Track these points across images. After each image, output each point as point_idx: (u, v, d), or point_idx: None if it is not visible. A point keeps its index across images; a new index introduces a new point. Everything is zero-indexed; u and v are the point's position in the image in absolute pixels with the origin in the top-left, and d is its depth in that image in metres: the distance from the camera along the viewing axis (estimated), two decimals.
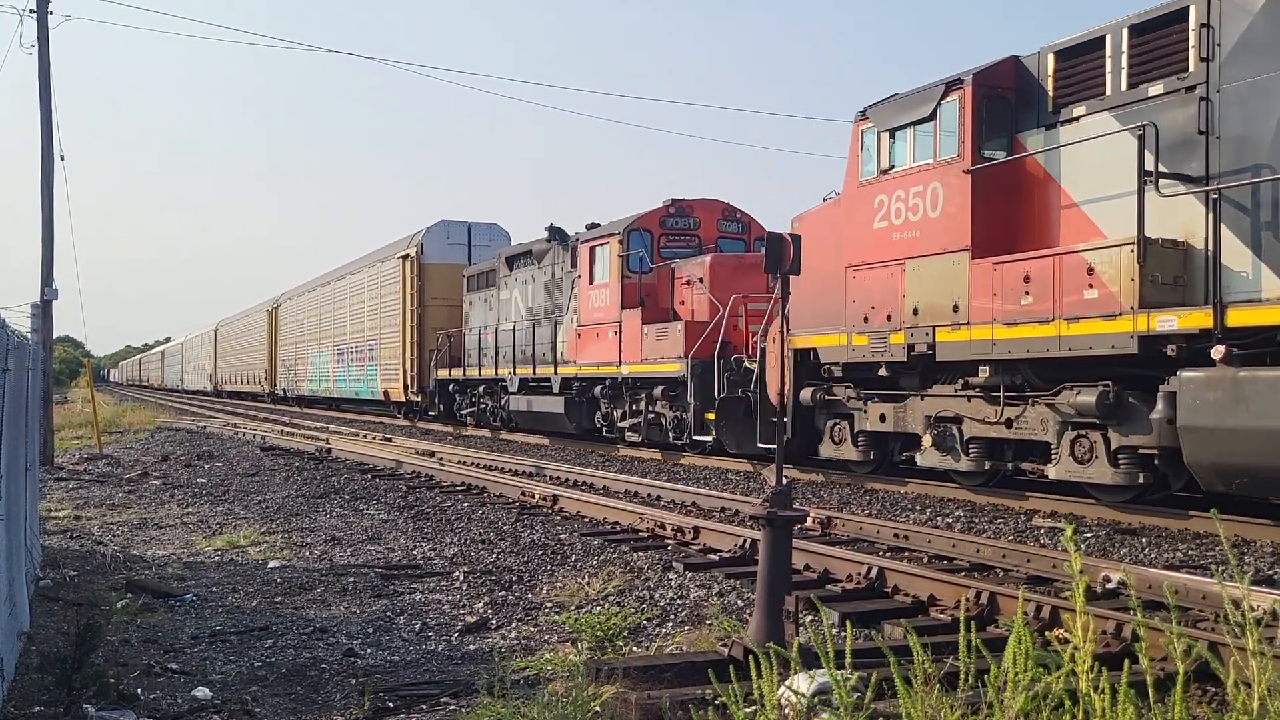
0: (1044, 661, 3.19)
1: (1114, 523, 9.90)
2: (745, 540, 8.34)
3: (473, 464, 16.61)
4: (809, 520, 9.53)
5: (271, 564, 8.97)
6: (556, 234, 21.63)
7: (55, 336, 20.38)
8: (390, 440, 23.19)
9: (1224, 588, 3.70)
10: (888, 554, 8.38)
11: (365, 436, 24.60)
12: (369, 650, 6.18)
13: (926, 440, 11.75)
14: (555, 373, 21.02)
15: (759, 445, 14.26)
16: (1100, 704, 2.96)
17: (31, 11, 19.87)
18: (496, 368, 24.02)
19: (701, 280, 17.25)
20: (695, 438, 16.07)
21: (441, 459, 17.35)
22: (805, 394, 13.38)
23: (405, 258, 29.77)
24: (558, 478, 14.34)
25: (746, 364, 15.06)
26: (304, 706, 5.18)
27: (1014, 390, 10.81)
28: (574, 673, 5.07)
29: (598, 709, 4.45)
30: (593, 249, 19.60)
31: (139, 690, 5.33)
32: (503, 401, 23.84)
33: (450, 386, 27.41)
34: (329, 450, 19.81)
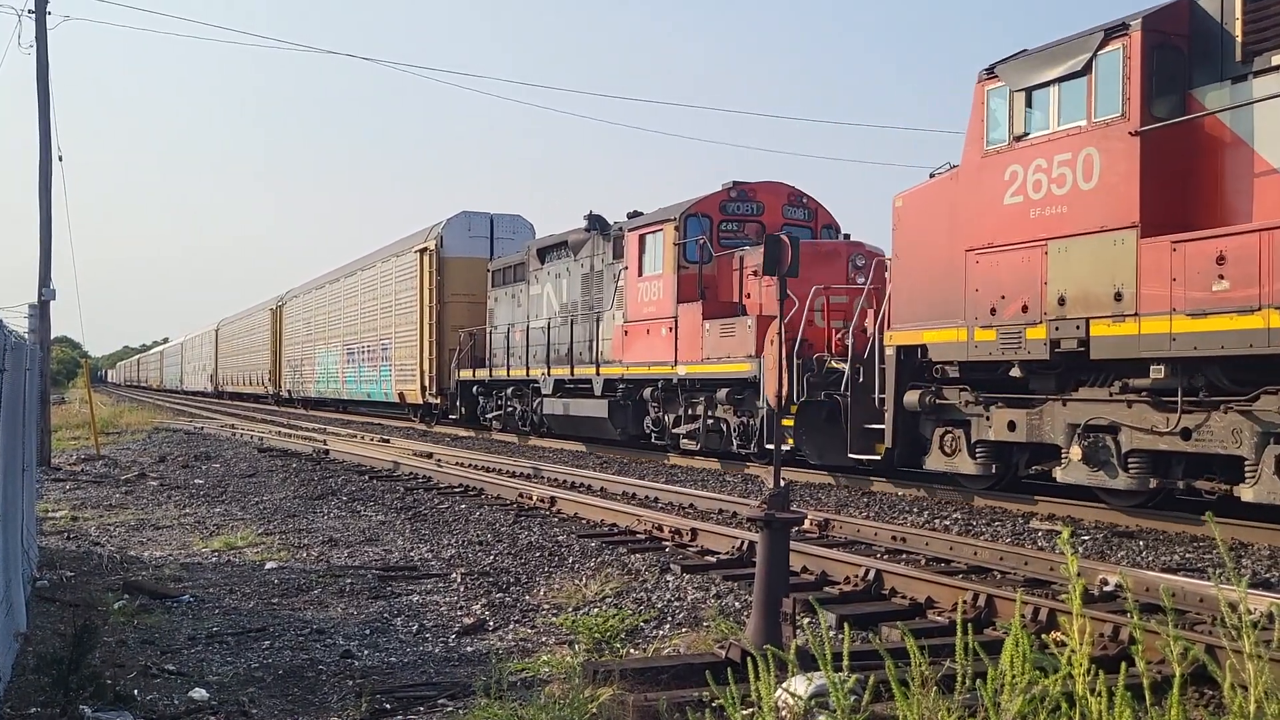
0: (1041, 664, 3.20)
1: (1112, 525, 9.91)
2: (743, 542, 8.34)
3: (470, 465, 16.59)
4: (807, 522, 9.53)
5: (269, 565, 8.96)
6: (596, 223, 19.77)
7: (53, 337, 20.40)
8: (388, 442, 23.17)
9: (1221, 591, 3.70)
10: (885, 556, 8.38)
11: (363, 438, 24.56)
12: (366, 651, 6.18)
13: (1074, 453, 9.96)
14: (597, 373, 19.27)
15: (850, 456, 12.72)
16: (1097, 707, 2.96)
17: (30, 12, 19.87)
18: (527, 368, 22.32)
19: None
20: (768, 445, 14.19)
21: (439, 460, 17.34)
22: (910, 397, 11.58)
23: (423, 251, 27.94)
24: (555, 479, 14.34)
25: (833, 363, 13.50)
26: (301, 708, 5.17)
27: (1190, 394, 9.15)
28: (571, 674, 5.07)
29: (595, 711, 4.45)
30: (642, 237, 17.78)
31: (136, 691, 5.32)
32: (534, 405, 22.14)
33: (474, 389, 25.57)
34: (326, 452, 19.79)
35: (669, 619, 6.64)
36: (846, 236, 16.16)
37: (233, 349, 58.70)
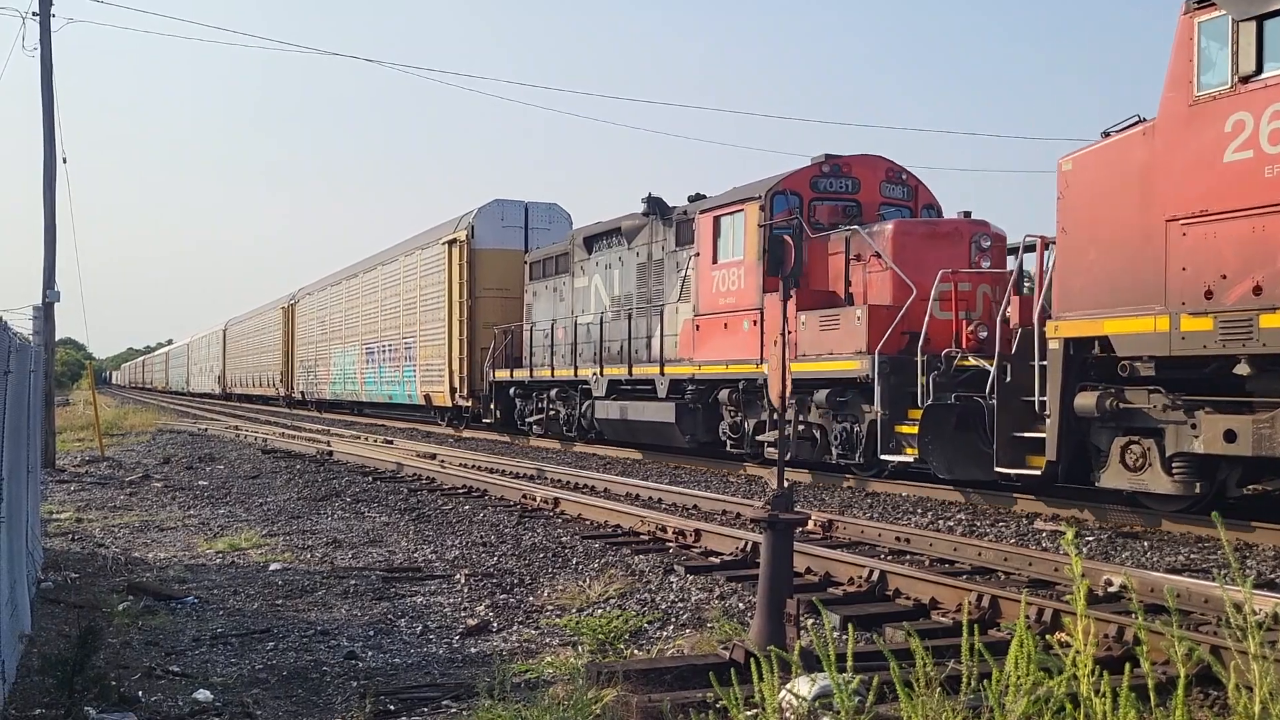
0: (1045, 665, 3.19)
1: (1116, 526, 9.89)
2: (747, 543, 8.33)
3: (474, 467, 16.60)
4: (810, 523, 9.52)
5: (273, 566, 8.97)
6: (656, 206, 17.86)
7: (57, 339, 20.40)
8: (391, 443, 23.18)
9: (1225, 591, 3.70)
10: (889, 557, 8.37)
11: (367, 439, 24.56)
12: (370, 653, 6.18)
13: None
14: (661, 373, 17.25)
15: (996, 471, 10.66)
16: (1101, 708, 2.96)
17: (34, 14, 19.91)
18: (575, 368, 20.43)
19: (880, 255, 13.49)
20: (884, 456, 12.45)
21: (443, 461, 17.35)
22: (1084, 400, 9.64)
23: (452, 243, 25.95)
24: (559, 480, 14.34)
25: (970, 359, 11.64)
26: (305, 709, 5.18)
27: None
28: (575, 676, 5.07)
29: (599, 712, 4.45)
30: (717, 219, 15.88)
31: (140, 693, 5.33)
32: (584, 408, 20.22)
33: (511, 390, 23.43)
34: (330, 453, 19.81)
35: (673, 620, 6.64)
36: (967, 214, 13.98)
37: (241, 349, 56.90)
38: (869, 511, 11.23)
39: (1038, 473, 10.27)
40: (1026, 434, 10.40)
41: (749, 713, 3.78)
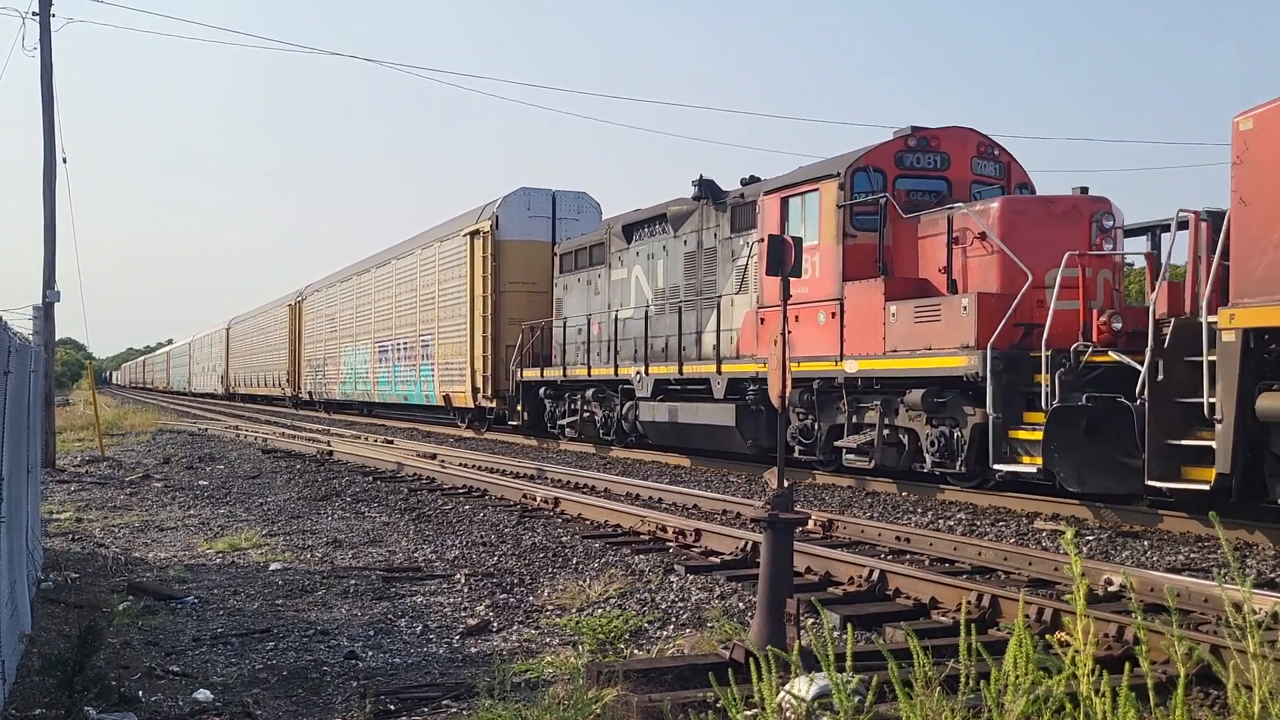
0: (1045, 665, 3.20)
1: (1116, 526, 9.90)
2: (747, 543, 8.34)
3: (474, 467, 16.60)
4: (810, 523, 9.52)
5: (273, 566, 8.97)
6: (707, 189, 16.42)
7: (57, 339, 20.41)
8: (391, 443, 23.18)
9: (1225, 591, 3.70)
10: (889, 557, 8.37)
11: (367, 439, 24.55)
12: (370, 653, 6.18)
13: None
14: (718, 372, 15.65)
15: (1148, 484, 9.30)
16: (1101, 707, 2.96)
17: (34, 14, 19.91)
18: (615, 366, 18.94)
19: (984, 236, 11.88)
20: (997, 466, 10.86)
21: (443, 461, 17.35)
22: (1268, 403, 8.29)
23: (475, 234, 24.48)
24: (559, 480, 14.34)
25: (1109, 355, 10.18)
26: (305, 709, 5.18)
27: None
28: (575, 675, 5.07)
29: (599, 711, 4.45)
30: (785, 201, 14.32)
31: (140, 693, 5.33)
32: (625, 410, 18.70)
33: (542, 390, 21.88)
34: (330, 453, 19.81)
35: (673, 620, 6.65)
36: (1084, 190, 12.26)
37: (246, 348, 55.30)
38: (869, 511, 11.23)
39: (1205, 488, 8.80)
40: (1185, 442, 8.97)
41: (749, 713, 3.78)
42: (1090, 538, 9.31)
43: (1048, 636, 5.08)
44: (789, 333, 14.47)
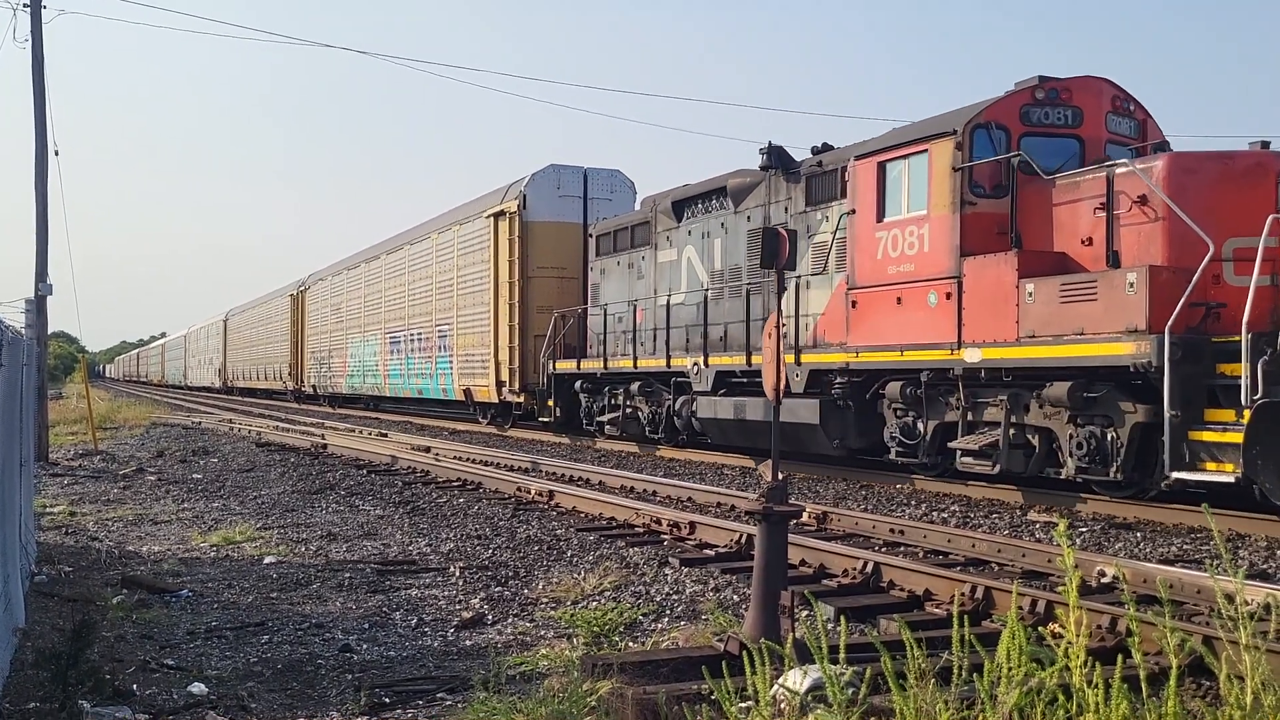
0: (1038, 656, 3.20)
1: (1109, 518, 9.92)
2: (741, 535, 8.35)
3: (468, 460, 16.60)
4: (805, 515, 9.54)
5: (267, 560, 8.96)
6: (778, 158, 14.85)
7: (50, 332, 20.36)
8: (386, 436, 23.16)
9: (1217, 582, 3.71)
10: (883, 549, 8.40)
11: (361, 433, 24.53)
12: (365, 646, 6.18)
13: None
14: (797, 362, 13.79)
15: None
16: (1094, 699, 2.97)
17: (25, 5, 19.84)
18: (666, 357, 17.28)
19: (1144, 200, 10.12)
20: (1176, 474, 9.26)
21: (437, 455, 17.34)
22: None
23: (500, 215, 22.90)
24: (554, 473, 14.35)
25: None
26: (300, 702, 5.18)
27: None
28: (570, 668, 5.08)
29: (594, 704, 4.46)
30: (882, 166, 12.52)
31: (134, 686, 5.33)
32: (678, 405, 17.00)
33: (578, 384, 20.29)
34: (324, 446, 19.79)
35: (667, 612, 6.66)
36: (1265, 145, 10.50)
37: (244, 340, 53.55)
38: (863, 503, 11.25)
39: None
40: None
41: (743, 705, 3.79)
42: (1084, 530, 9.33)
43: (1041, 628, 5.10)
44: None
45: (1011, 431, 10.97)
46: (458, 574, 8.08)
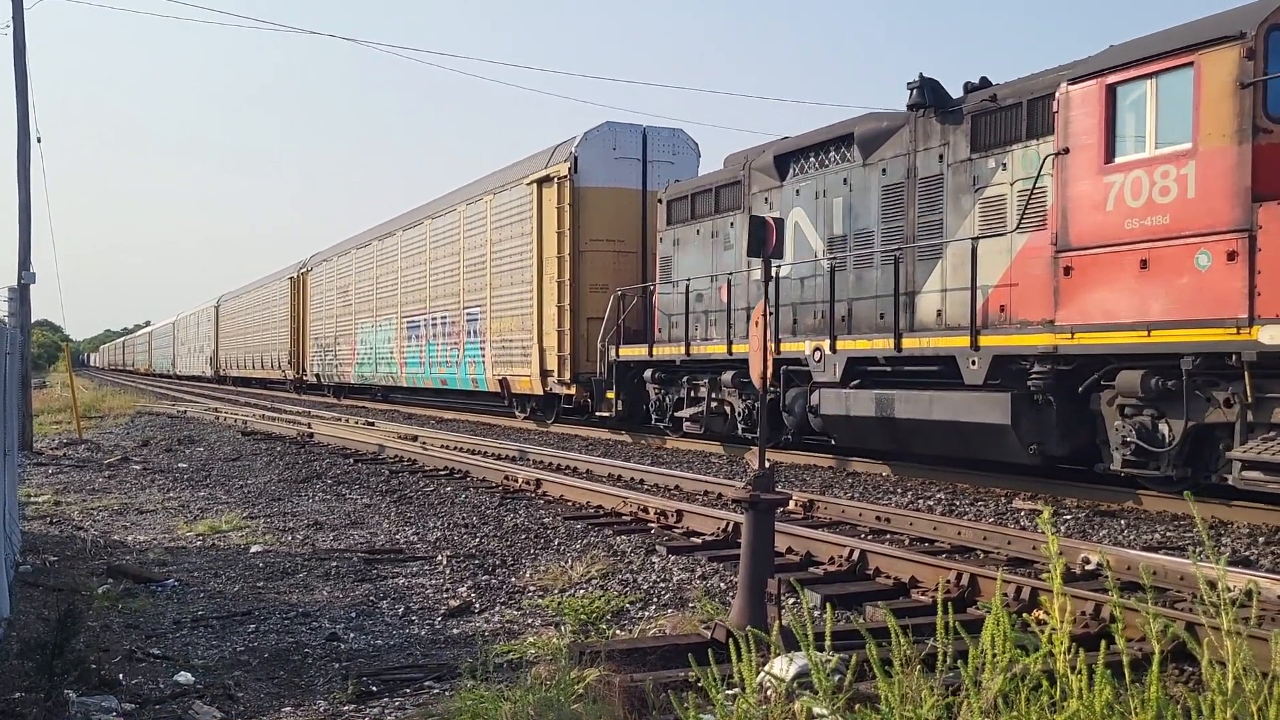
0: (1022, 643, 3.23)
1: (1094, 505, 9.98)
2: (728, 524, 8.37)
3: (456, 448, 16.58)
4: (791, 503, 9.57)
5: (254, 549, 8.95)
6: (932, 93, 12.07)
7: (33, 320, 20.24)
8: (373, 425, 23.10)
9: (1200, 569, 3.74)
10: (870, 536, 8.43)
11: (348, 421, 24.45)
12: (352, 634, 6.18)
13: None
14: (973, 346, 10.93)
15: None
16: (1078, 684, 2.99)
17: None
18: (776, 341, 13.89)
19: None
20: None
21: (425, 443, 17.32)
22: None
23: (545, 181, 20.04)
24: (541, 462, 14.34)
25: None
26: (287, 690, 5.18)
27: None
28: (557, 656, 5.09)
29: (581, 692, 4.47)
30: (1112, 89, 9.72)
31: (121, 675, 5.32)
32: (789, 400, 14.00)
33: (648, 373, 17.35)
34: (311, 435, 19.75)
35: (655, 600, 6.67)
36: None
37: (238, 326, 50.33)
38: (850, 491, 11.29)
39: None
40: None
41: (729, 693, 3.81)
42: (1068, 517, 9.39)
43: (1025, 615, 5.13)
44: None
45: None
46: (445, 562, 8.08)
